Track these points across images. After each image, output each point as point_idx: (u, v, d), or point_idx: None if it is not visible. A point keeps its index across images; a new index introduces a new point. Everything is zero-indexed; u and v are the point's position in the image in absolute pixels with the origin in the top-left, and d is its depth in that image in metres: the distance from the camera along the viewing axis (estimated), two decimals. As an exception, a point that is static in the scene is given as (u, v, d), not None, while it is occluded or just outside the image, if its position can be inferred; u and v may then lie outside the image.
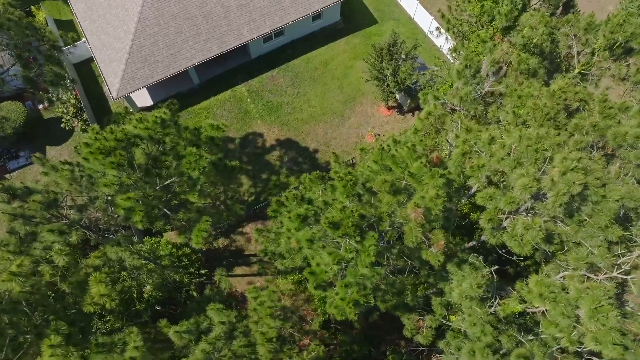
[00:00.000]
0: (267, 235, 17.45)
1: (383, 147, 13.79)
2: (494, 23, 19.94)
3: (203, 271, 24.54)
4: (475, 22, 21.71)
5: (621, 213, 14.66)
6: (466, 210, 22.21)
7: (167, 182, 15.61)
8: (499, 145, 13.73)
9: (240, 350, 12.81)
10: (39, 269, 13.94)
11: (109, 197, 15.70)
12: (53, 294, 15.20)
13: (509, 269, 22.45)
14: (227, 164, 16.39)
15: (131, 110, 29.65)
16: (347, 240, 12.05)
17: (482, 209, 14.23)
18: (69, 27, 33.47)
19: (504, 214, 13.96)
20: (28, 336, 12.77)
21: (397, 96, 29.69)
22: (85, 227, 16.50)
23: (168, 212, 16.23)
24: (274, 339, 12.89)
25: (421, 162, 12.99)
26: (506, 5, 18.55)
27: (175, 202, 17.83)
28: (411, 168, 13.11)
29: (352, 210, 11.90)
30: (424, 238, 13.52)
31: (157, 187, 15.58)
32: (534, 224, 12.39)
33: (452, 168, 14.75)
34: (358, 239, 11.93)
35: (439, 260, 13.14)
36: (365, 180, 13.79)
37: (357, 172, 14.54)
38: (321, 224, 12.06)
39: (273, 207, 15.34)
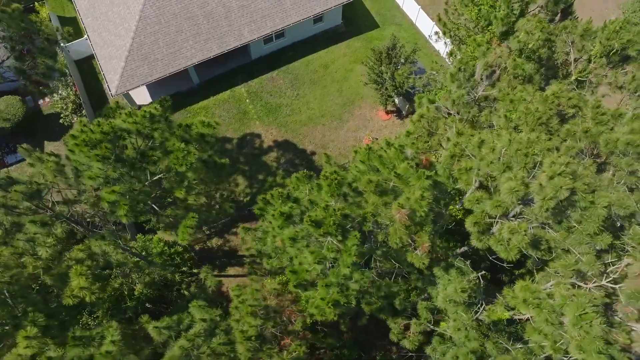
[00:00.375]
0: (254, 233, 17.35)
1: (370, 147, 13.66)
2: (490, 28, 19.81)
3: (195, 270, 24.44)
4: (474, 27, 21.60)
5: (618, 224, 14.42)
6: (460, 216, 21.98)
7: (155, 178, 15.55)
8: (488, 149, 13.57)
9: (220, 348, 12.66)
10: (22, 260, 13.88)
11: (97, 191, 15.67)
12: (37, 286, 15.14)
13: (503, 277, 22.20)
14: (216, 161, 16.31)
15: (130, 106, 29.69)
16: (330, 239, 11.92)
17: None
18: (72, 24, 33.62)
19: (493, 219, 13.77)
20: (7, 327, 12.69)
21: (396, 100, 29.57)
22: (74, 220, 16.45)
23: (156, 208, 16.15)
24: (253, 338, 12.74)
25: (408, 163, 12.86)
26: (503, 10, 18.41)
27: (169, 199, 17.76)
28: (398, 169, 12.97)
29: (334, 209, 11.78)
30: (409, 240, 13.35)
31: (147, 183, 15.53)
32: (519, 228, 12.19)
33: (440, 170, 14.60)
34: (340, 238, 11.79)
35: (423, 263, 12.98)
36: (352, 180, 13.66)
37: (347, 173, 14.41)
38: (304, 222, 11.94)
39: (259, 206, 15.24)
